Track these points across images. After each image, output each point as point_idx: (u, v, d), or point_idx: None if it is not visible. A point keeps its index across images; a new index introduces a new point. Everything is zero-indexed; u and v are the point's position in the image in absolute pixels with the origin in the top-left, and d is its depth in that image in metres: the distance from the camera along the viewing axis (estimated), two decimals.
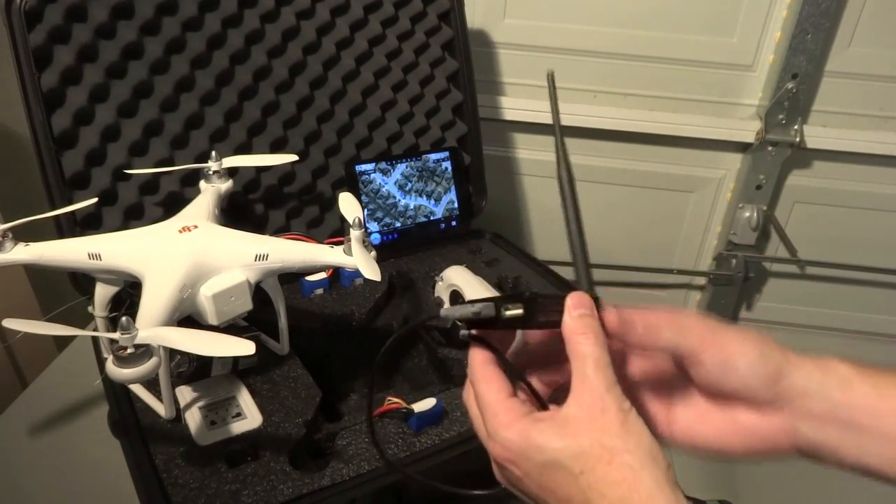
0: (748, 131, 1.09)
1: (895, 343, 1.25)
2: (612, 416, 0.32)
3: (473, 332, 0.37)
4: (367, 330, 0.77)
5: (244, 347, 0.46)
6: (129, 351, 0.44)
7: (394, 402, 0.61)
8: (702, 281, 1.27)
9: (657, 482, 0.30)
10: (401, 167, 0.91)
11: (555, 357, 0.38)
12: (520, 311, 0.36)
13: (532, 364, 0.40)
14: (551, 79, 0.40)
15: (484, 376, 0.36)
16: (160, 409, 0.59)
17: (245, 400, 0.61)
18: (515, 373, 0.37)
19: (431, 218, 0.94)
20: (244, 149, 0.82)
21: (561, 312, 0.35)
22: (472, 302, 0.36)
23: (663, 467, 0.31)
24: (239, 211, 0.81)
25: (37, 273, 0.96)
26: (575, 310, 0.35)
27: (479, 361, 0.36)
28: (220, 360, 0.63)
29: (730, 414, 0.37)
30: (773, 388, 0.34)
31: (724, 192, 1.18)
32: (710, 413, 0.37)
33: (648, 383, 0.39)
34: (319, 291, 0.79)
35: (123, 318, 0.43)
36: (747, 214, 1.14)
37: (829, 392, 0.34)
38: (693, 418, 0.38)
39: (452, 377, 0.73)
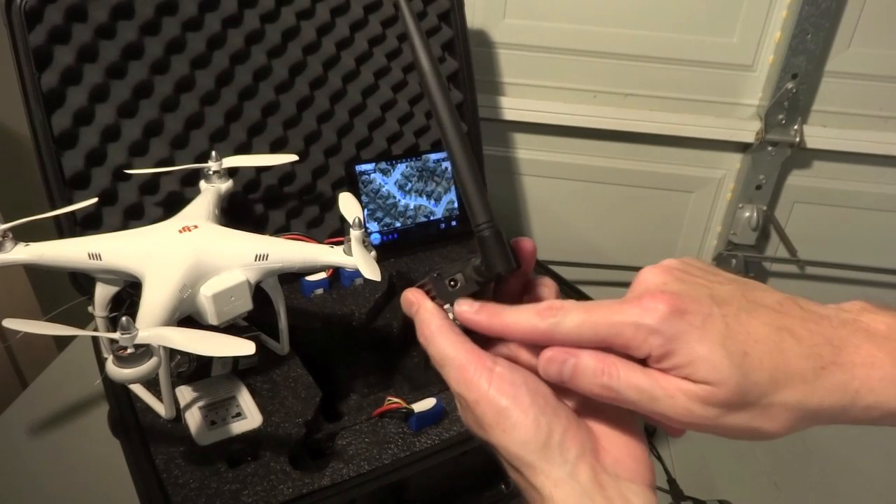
0: (748, 131, 1.09)
1: None
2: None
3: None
4: (367, 330, 0.77)
5: (244, 347, 0.45)
6: (129, 351, 0.44)
7: (394, 402, 0.61)
8: None
9: None
10: (401, 167, 0.91)
11: None
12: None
13: None
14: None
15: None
16: (160, 409, 0.59)
17: (245, 400, 0.61)
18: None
19: (431, 218, 0.94)
20: (244, 149, 0.82)
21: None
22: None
23: None
24: (239, 211, 0.81)
25: (37, 273, 0.96)
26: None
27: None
28: (220, 360, 0.63)
29: None
30: None
31: (724, 192, 1.18)
32: None
33: None
34: (319, 291, 0.79)
35: (123, 318, 0.43)
36: (747, 214, 1.15)
37: None
38: None
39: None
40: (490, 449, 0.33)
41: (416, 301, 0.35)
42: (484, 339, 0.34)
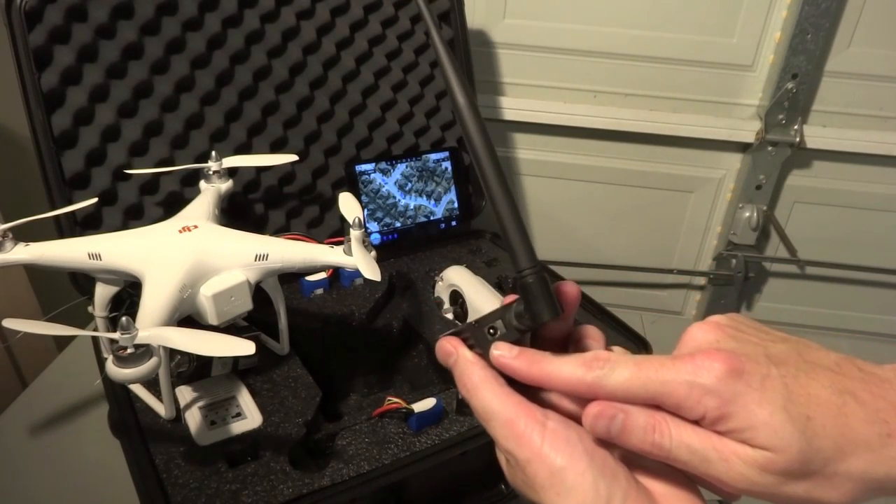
0: (748, 131, 1.09)
1: (895, 343, 1.25)
2: None
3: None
4: (367, 330, 0.77)
5: (244, 347, 0.46)
6: (129, 351, 0.44)
7: (394, 402, 0.61)
8: (702, 281, 1.27)
9: None
10: (401, 167, 0.91)
11: None
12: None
13: None
14: None
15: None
16: (160, 409, 0.59)
17: (245, 400, 0.61)
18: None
19: (431, 218, 0.94)
20: (244, 149, 0.82)
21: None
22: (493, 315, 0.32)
23: None
24: (239, 211, 0.81)
25: (37, 273, 0.96)
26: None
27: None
28: (220, 360, 0.63)
29: None
30: None
31: (724, 192, 1.18)
32: None
33: None
34: (319, 291, 0.79)
35: (123, 318, 0.43)
36: (747, 214, 1.14)
37: None
38: None
39: (453, 377, 0.73)
40: None
41: (453, 350, 0.33)
42: (524, 391, 0.31)
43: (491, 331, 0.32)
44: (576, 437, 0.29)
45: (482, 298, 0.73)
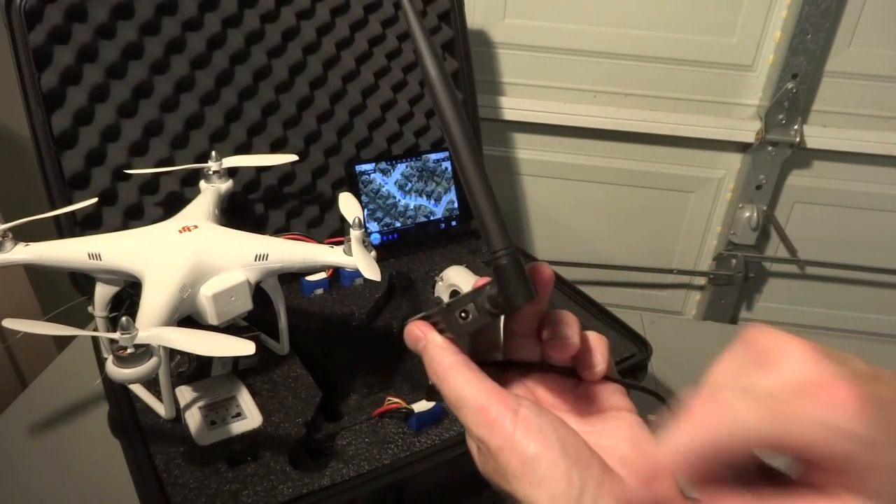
0: (748, 131, 1.09)
1: (895, 343, 1.25)
2: None
3: None
4: (367, 330, 0.77)
5: (244, 347, 0.46)
6: (129, 351, 0.44)
7: (394, 402, 0.61)
8: (702, 281, 1.27)
9: None
10: (401, 167, 0.91)
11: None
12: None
13: None
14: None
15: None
16: (160, 409, 0.59)
17: (245, 400, 0.61)
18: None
19: (431, 218, 0.94)
20: (244, 149, 0.82)
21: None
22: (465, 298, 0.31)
23: None
24: (239, 211, 0.81)
25: (37, 273, 0.96)
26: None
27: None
28: (220, 360, 0.63)
29: None
30: None
31: (724, 192, 1.18)
32: None
33: None
34: (319, 291, 0.79)
35: (123, 318, 0.43)
36: (747, 214, 1.15)
37: None
38: None
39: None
40: (510, 499, 0.29)
41: (422, 335, 0.31)
42: (496, 377, 0.30)
43: (462, 314, 0.30)
44: (549, 426, 0.28)
45: None
